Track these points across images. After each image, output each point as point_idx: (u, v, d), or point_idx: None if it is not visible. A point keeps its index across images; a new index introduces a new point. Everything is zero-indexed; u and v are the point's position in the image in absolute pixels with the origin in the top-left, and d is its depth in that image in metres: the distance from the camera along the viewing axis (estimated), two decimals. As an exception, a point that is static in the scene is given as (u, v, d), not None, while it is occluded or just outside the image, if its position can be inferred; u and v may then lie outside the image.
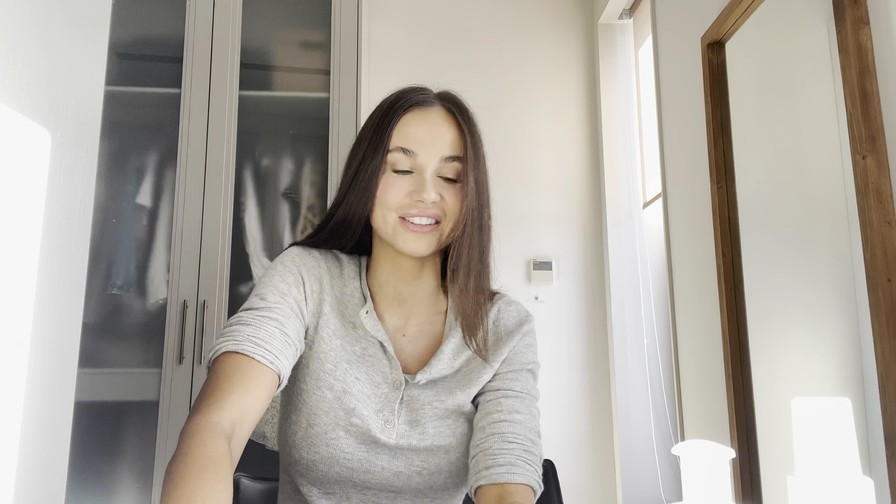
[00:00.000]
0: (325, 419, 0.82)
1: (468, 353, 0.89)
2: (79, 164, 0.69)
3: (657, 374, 2.35)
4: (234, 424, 0.67)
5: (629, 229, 2.50)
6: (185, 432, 0.64)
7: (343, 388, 0.83)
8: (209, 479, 0.58)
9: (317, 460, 0.82)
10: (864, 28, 1.11)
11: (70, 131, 0.67)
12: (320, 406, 0.82)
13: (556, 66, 2.69)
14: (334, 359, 0.84)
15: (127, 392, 1.79)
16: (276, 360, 0.75)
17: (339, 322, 0.86)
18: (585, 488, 2.39)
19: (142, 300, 1.86)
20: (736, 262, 1.53)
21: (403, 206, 0.82)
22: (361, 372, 0.85)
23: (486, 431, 0.82)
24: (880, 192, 1.06)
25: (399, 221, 0.82)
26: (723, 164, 1.57)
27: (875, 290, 1.05)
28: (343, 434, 0.82)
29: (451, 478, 0.86)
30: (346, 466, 0.82)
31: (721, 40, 1.62)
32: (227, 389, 0.69)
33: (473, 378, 0.87)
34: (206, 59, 1.91)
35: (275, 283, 0.83)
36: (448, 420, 0.86)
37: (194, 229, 1.82)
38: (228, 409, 0.67)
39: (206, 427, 0.64)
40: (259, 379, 0.72)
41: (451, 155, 0.84)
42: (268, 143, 2.03)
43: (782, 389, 1.37)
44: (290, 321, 0.80)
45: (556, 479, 1.09)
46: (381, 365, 0.86)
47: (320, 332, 0.85)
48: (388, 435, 0.83)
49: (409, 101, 0.85)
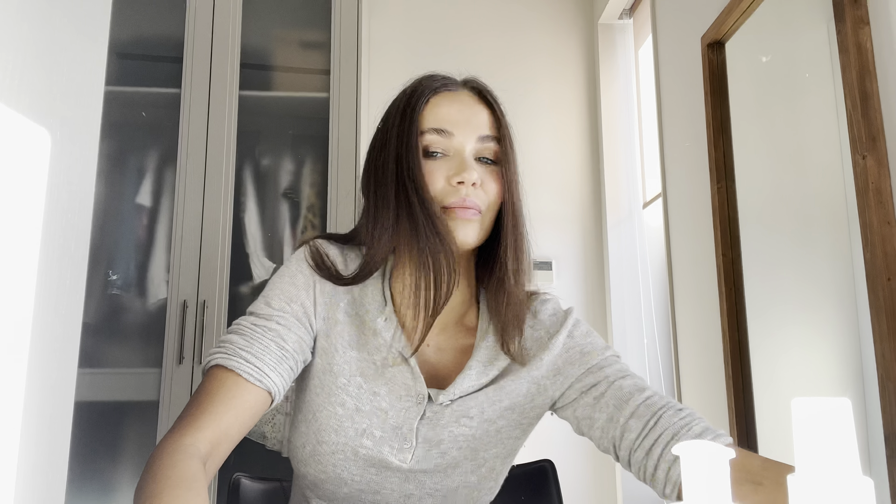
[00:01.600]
0: (335, 438, 0.76)
1: (500, 363, 0.80)
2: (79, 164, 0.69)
3: (657, 374, 2.35)
4: (211, 446, 0.65)
5: (629, 229, 2.50)
6: (156, 453, 0.62)
7: (356, 405, 0.76)
8: (183, 495, 0.55)
9: (324, 479, 0.77)
10: (864, 28, 1.11)
11: (70, 131, 0.67)
12: (330, 423, 0.76)
13: (556, 66, 2.69)
14: (348, 372, 0.77)
15: (127, 392, 1.79)
16: (266, 378, 0.70)
17: (355, 330, 0.78)
18: (585, 488, 2.39)
19: (142, 300, 1.86)
20: (736, 261, 1.53)
21: (444, 195, 0.74)
22: (381, 385, 0.77)
23: (635, 416, 0.72)
24: (880, 192, 1.06)
25: (443, 212, 0.74)
26: (723, 164, 1.57)
27: (875, 289, 1.05)
28: (352, 456, 0.76)
29: (466, 501, 0.80)
30: (355, 488, 0.77)
31: (721, 40, 1.62)
32: (207, 409, 0.66)
33: (507, 389, 0.79)
34: (206, 59, 1.91)
35: (283, 287, 0.77)
36: (475, 443, 0.79)
37: (194, 229, 1.82)
38: (205, 430, 0.65)
39: (179, 449, 0.62)
40: (244, 398, 0.68)
41: (489, 134, 0.77)
42: (268, 143, 2.03)
43: (782, 389, 1.37)
44: (290, 332, 0.74)
45: (556, 479, 1.09)
46: (404, 377, 0.77)
47: (333, 341, 0.78)
48: (403, 458, 0.76)
49: (435, 84, 0.80)
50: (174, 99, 1.89)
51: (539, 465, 1.09)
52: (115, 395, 1.79)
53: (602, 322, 2.51)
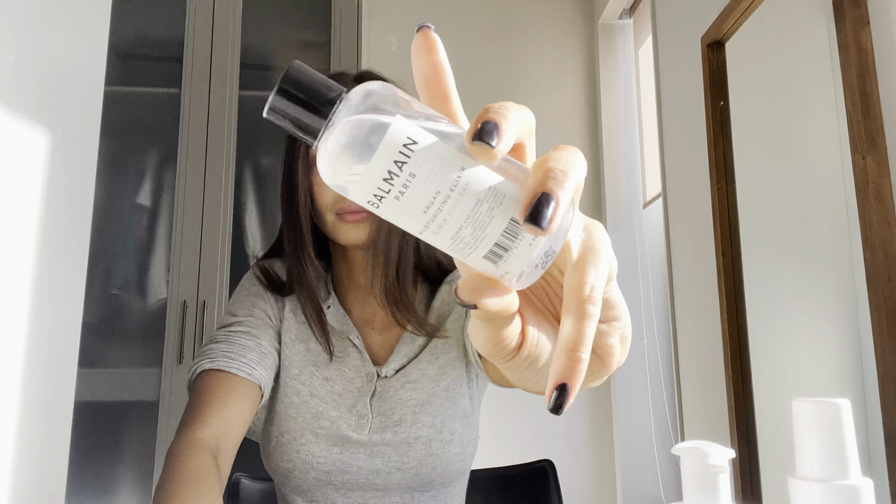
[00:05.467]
0: (293, 425, 0.81)
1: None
2: (78, 164, 0.69)
3: (657, 374, 2.35)
4: (217, 438, 0.69)
5: (629, 229, 2.50)
6: (168, 453, 0.66)
7: (310, 391, 0.83)
8: (195, 492, 0.60)
9: (291, 468, 0.81)
10: (864, 28, 1.11)
11: (70, 131, 0.67)
12: (288, 412, 0.82)
13: (555, 66, 2.69)
14: (299, 363, 0.84)
15: (127, 392, 1.79)
16: (254, 371, 0.76)
17: (300, 325, 0.86)
18: (585, 488, 2.39)
19: (142, 300, 1.86)
20: (736, 262, 1.53)
21: (334, 201, 0.81)
22: (332, 370, 0.85)
23: None
24: (880, 192, 1.06)
25: (336, 218, 0.81)
26: (723, 164, 1.57)
27: (875, 289, 1.05)
28: (312, 438, 0.81)
29: (436, 472, 0.82)
30: (322, 470, 0.81)
31: (721, 40, 1.62)
32: (206, 406, 0.70)
33: (440, 347, 0.85)
34: (206, 59, 1.91)
35: (240, 300, 0.85)
36: (428, 408, 0.83)
37: (194, 229, 1.82)
38: (209, 425, 0.69)
39: (189, 444, 0.66)
40: (238, 392, 0.73)
41: None
42: (268, 143, 2.03)
43: (782, 389, 1.37)
44: (262, 331, 0.81)
45: (556, 478, 1.09)
46: (353, 359, 0.85)
47: (283, 338, 0.85)
48: (361, 432, 0.82)
49: None
50: (174, 99, 1.89)
51: (539, 465, 1.09)
52: (115, 395, 1.79)
53: (602, 322, 2.51)
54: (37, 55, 0.60)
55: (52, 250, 0.63)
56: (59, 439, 0.66)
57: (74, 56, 0.68)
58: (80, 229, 0.69)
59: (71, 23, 0.67)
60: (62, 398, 0.67)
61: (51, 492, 0.65)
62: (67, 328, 0.68)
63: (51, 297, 0.64)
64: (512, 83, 2.65)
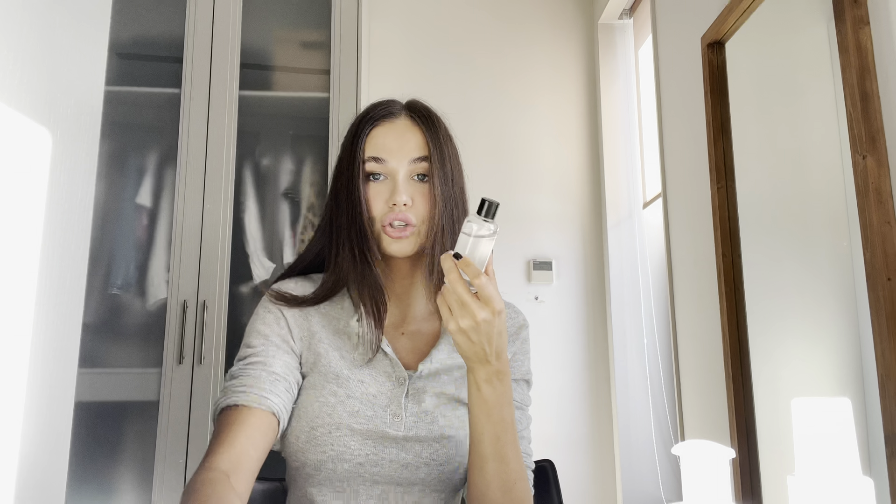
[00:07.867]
0: (329, 420, 0.85)
1: None
2: (79, 164, 0.69)
3: (657, 374, 2.35)
4: (231, 463, 0.74)
5: (629, 229, 2.50)
6: (186, 487, 0.71)
7: (347, 393, 0.87)
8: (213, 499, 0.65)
9: (323, 460, 0.84)
10: (864, 28, 1.11)
11: (70, 131, 0.67)
12: (323, 410, 0.86)
13: (555, 66, 2.69)
14: (336, 369, 0.88)
15: (127, 392, 1.79)
16: (266, 400, 0.81)
17: (333, 335, 0.91)
18: (585, 488, 2.39)
19: (142, 300, 1.86)
20: (736, 262, 1.53)
21: (383, 213, 0.89)
22: (365, 374, 0.89)
23: None
24: (880, 192, 1.06)
25: (382, 229, 0.89)
26: (723, 164, 1.57)
27: (875, 289, 1.05)
28: (348, 433, 0.85)
29: (460, 470, 0.87)
30: (354, 462, 0.84)
31: (721, 40, 1.62)
32: (224, 440, 0.77)
33: None
34: (206, 59, 1.91)
35: (256, 328, 0.90)
36: (457, 411, 0.89)
37: (194, 229, 1.82)
38: (223, 454, 0.75)
39: (204, 473, 0.71)
40: (250, 422, 0.79)
41: (420, 156, 0.91)
42: (268, 143, 2.03)
43: (782, 389, 1.37)
44: (276, 358, 0.86)
45: (556, 479, 1.09)
46: (383, 365, 0.90)
47: (315, 349, 0.90)
48: (397, 428, 0.86)
49: (376, 115, 0.93)
50: (174, 99, 1.89)
51: (539, 465, 1.09)
52: (115, 395, 1.79)
53: (602, 322, 2.51)
54: (37, 55, 0.60)
55: (52, 250, 0.63)
56: (60, 439, 0.66)
57: (74, 56, 0.68)
58: (80, 229, 0.69)
59: (71, 23, 0.67)
60: (62, 398, 0.67)
61: (51, 492, 0.65)
62: (68, 328, 0.68)
63: (51, 297, 0.64)
64: (512, 83, 2.65)
